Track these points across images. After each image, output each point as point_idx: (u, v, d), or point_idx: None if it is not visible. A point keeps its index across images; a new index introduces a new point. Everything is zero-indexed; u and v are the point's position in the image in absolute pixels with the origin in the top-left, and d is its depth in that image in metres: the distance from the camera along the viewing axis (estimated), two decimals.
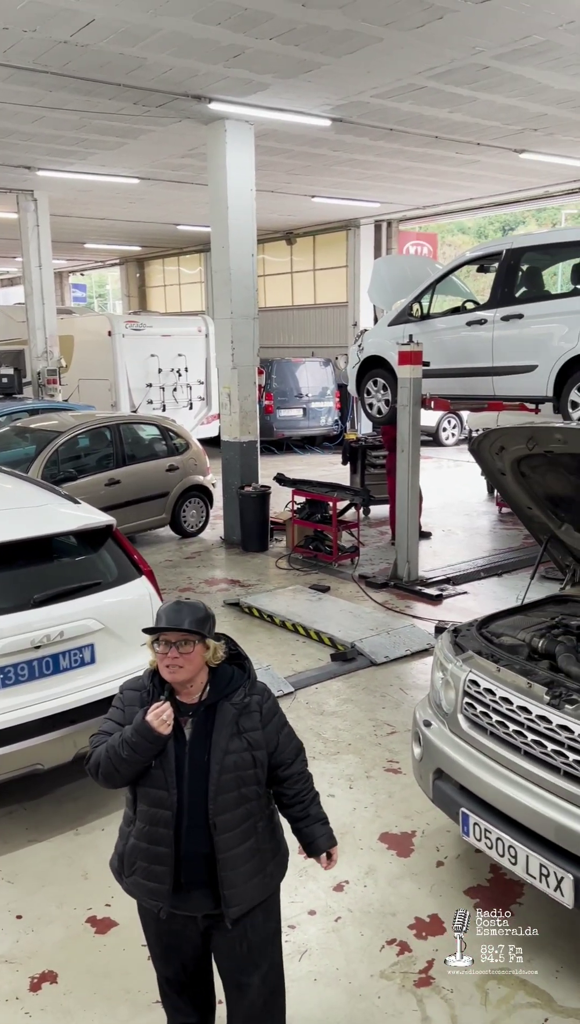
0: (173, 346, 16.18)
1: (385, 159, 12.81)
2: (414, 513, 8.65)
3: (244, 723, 2.62)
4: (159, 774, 2.57)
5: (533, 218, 35.21)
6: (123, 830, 2.76)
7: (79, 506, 5.24)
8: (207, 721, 2.61)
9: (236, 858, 2.59)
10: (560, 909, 3.66)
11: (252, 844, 2.63)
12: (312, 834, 2.78)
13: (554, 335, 7.62)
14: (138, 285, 29.17)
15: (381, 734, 5.56)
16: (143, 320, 16.90)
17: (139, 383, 15.77)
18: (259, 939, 2.73)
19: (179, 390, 16.31)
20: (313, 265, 21.82)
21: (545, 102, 9.69)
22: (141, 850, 2.63)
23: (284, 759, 2.72)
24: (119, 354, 15.58)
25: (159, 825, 2.58)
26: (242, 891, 2.61)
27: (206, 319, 16.85)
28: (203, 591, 8.74)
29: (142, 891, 2.66)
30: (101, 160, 12.56)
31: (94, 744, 2.68)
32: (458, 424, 19.10)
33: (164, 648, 2.55)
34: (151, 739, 2.50)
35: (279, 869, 2.79)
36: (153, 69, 8.32)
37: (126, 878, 2.71)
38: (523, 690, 3.48)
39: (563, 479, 4.18)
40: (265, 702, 2.70)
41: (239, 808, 2.60)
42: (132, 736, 2.52)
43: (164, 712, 2.51)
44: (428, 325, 8.87)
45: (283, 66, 8.30)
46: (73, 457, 9.68)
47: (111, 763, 2.58)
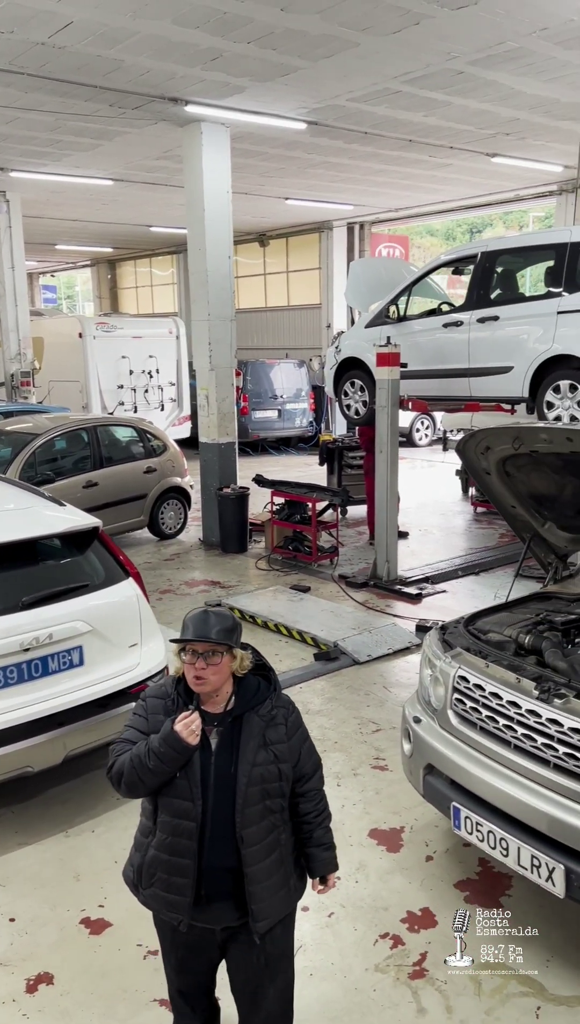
0: (144, 348, 16.16)
1: (359, 162, 12.90)
2: (393, 513, 8.73)
3: (270, 735, 2.59)
4: (184, 784, 2.53)
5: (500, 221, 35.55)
6: (140, 841, 2.69)
7: (64, 508, 5.24)
8: (233, 732, 2.57)
9: (262, 871, 2.56)
10: (548, 900, 3.75)
11: (276, 857, 2.61)
12: (313, 856, 2.75)
13: (529, 337, 7.74)
14: (110, 287, 29.03)
15: (366, 732, 5.61)
16: (114, 322, 16.85)
17: (110, 385, 15.74)
18: (277, 952, 2.70)
19: (150, 392, 16.30)
20: (286, 267, 21.88)
21: (517, 107, 9.82)
22: (162, 862, 2.58)
23: (304, 772, 2.70)
24: (90, 356, 15.53)
25: (182, 836, 2.54)
26: (269, 905, 2.58)
27: (177, 321, 16.87)
28: (183, 592, 8.75)
29: (161, 903, 2.61)
30: (75, 161, 12.50)
31: (116, 753, 2.63)
32: (431, 425, 19.27)
33: (191, 658, 2.51)
34: (179, 749, 2.46)
35: (301, 883, 2.77)
36: (130, 71, 8.31)
37: (144, 890, 2.66)
38: (512, 685, 3.55)
39: (547, 478, 4.26)
40: (290, 715, 2.68)
41: (264, 821, 2.57)
42: (159, 746, 2.48)
43: (193, 722, 2.47)
44: (405, 327, 8.96)
45: (260, 69, 8.34)
46: (50, 459, 9.63)
47: (135, 772, 2.53)
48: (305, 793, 2.71)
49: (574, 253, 7.48)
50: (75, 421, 10.37)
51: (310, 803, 2.73)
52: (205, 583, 9.08)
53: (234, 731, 2.57)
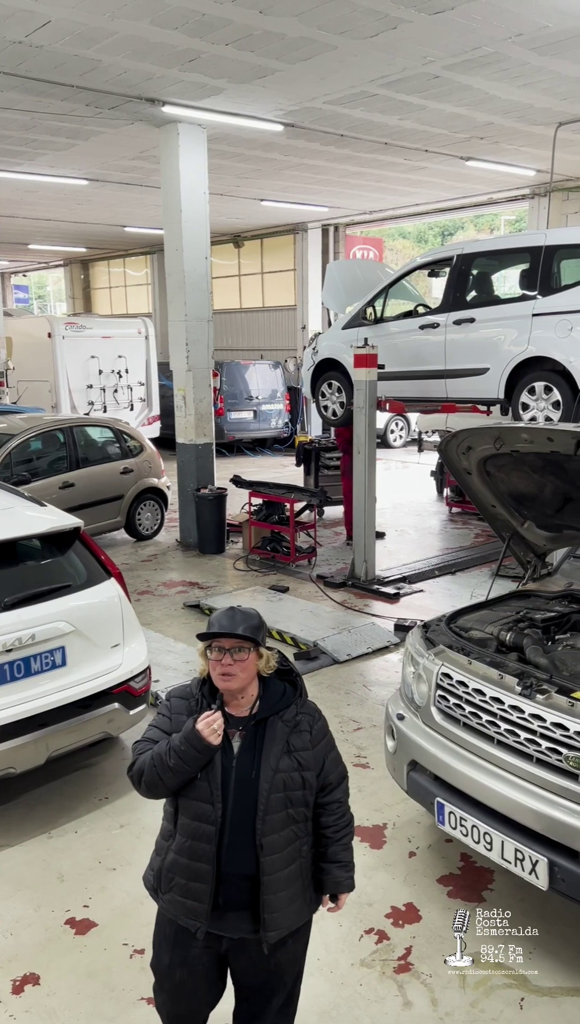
0: (113, 348, 16.17)
1: (335, 164, 12.97)
2: (371, 513, 8.78)
3: (294, 741, 2.54)
4: (204, 786, 2.48)
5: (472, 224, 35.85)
6: (161, 845, 2.65)
7: (45, 508, 5.23)
8: (257, 736, 2.53)
9: (279, 881, 2.51)
10: (529, 894, 3.82)
11: (295, 868, 2.56)
12: (326, 872, 2.67)
13: (505, 339, 7.83)
14: (83, 287, 28.86)
15: (347, 730, 5.65)
16: (83, 322, 16.83)
17: (79, 384, 15.71)
18: (287, 961, 2.66)
19: (120, 391, 16.32)
20: (261, 268, 21.91)
21: (492, 111, 9.94)
22: (181, 866, 2.53)
23: (328, 782, 2.64)
24: (59, 356, 15.50)
25: (201, 840, 2.49)
26: (282, 916, 2.53)
27: (145, 321, 16.89)
28: (161, 593, 8.73)
29: (179, 909, 2.55)
30: (50, 161, 12.44)
31: (138, 751, 2.59)
32: (406, 427, 19.39)
33: (217, 655, 2.48)
34: (200, 748, 2.42)
35: (318, 896, 2.71)
36: (108, 71, 8.30)
37: (163, 895, 2.60)
38: (495, 682, 3.60)
39: (527, 478, 4.33)
40: (316, 722, 2.63)
41: (285, 830, 2.52)
42: (181, 744, 2.44)
43: (215, 721, 2.43)
44: (382, 329, 9.03)
45: (238, 71, 8.36)
46: (26, 460, 9.57)
47: (155, 771, 2.49)
48: (327, 805, 2.64)
49: (548, 256, 7.59)
50: (51, 421, 10.31)
51: (331, 816, 2.65)
52: (183, 584, 9.08)
53: (258, 735, 2.53)
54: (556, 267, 7.64)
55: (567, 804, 3.21)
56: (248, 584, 8.93)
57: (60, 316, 22.21)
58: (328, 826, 2.66)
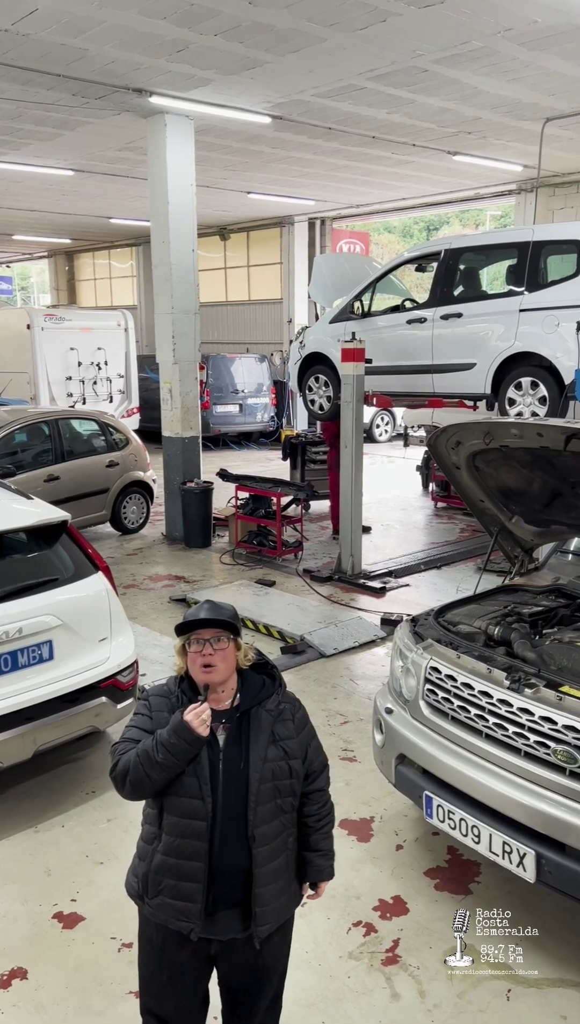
0: (93, 340, 16.10)
1: (322, 157, 12.93)
2: (358, 508, 8.79)
3: (280, 730, 2.55)
4: (192, 782, 2.45)
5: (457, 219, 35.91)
6: (144, 849, 2.58)
7: (32, 501, 5.19)
8: (241, 728, 2.52)
9: (269, 874, 2.50)
10: (516, 887, 3.85)
11: (282, 860, 2.55)
12: (309, 861, 2.67)
13: (492, 334, 7.86)
14: (67, 278, 28.66)
15: (334, 724, 5.66)
16: (62, 313, 16.74)
17: (59, 376, 15.62)
18: (273, 958, 2.65)
19: (99, 383, 16.25)
20: (247, 261, 21.84)
21: (480, 106, 9.94)
22: (170, 867, 2.47)
23: (312, 770, 2.65)
24: (38, 347, 15.39)
25: (191, 838, 2.45)
26: (271, 909, 2.52)
27: (125, 313, 16.81)
28: (148, 587, 8.71)
29: (169, 912, 2.49)
30: (35, 151, 12.33)
31: (119, 752, 2.54)
32: (391, 421, 19.42)
33: (197, 646, 2.49)
34: (189, 740, 2.40)
35: (301, 889, 2.71)
36: (95, 61, 8.23)
37: (150, 900, 2.52)
38: (483, 676, 3.61)
39: (516, 473, 4.34)
40: (297, 711, 2.65)
41: (275, 821, 2.51)
42: (169, 737, 2.41)
43: (204, 712, 2.41)
44: (369, 323, 9.03)
45: (226, 62, 8.31)
46: (10, 453, 9.51)
47: (142, 768, 2.44)
48: (310, 793, 2.66)
49: (536, 252, 7.62)
50: (36, 414, 10.26)
51: (314, 805, 2.67)
52: (169, 578, 9.05)
53: (243, 727, 2.53)
54: (543, 263, 7.67)
55: (555, 798, 3.24)
56: (234, 578, 8.92)
57: (39, 308, 22.07)
58: (311, 815, 2.67)
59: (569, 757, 3.21)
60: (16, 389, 15.25)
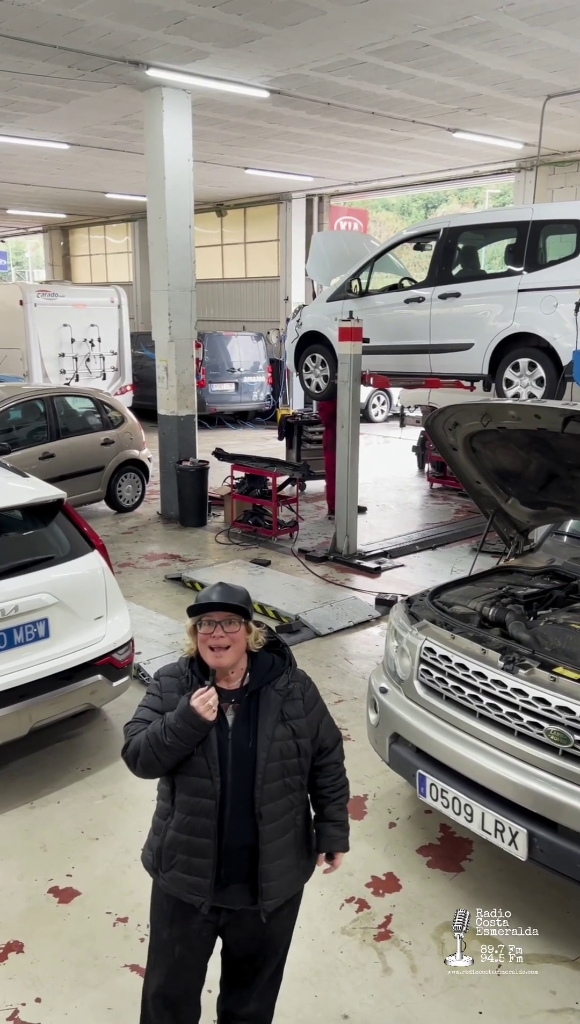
0: (86, 316, 16.01)
1: (320, 133, 12.80)
2: (354, 488, 8.79)
3: (288, 710, 2.57)
4: (201, 762, 2.49)
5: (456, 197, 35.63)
6: (158, 824, 2.65)
7: (27, 479, 5.18)
8: (250, 707, 2.55)
9: (277, 850, 2.54)
10: (506, 865, 3.90)
11: (291, 836, 2.59)
12: (322, 831, 2.73)
13: (490, 314, 7.82)
14: (62, 254, 28.41)
15: (329, 703, 5.52)
16: (55, 290, 16.61)
17: (51, 353, 15.54)
18: (281, 930, 2.71)
19: (92, 360, 16.18)
20: (244, 238, 21.66)
21: (481, 82, 9.83)
22: (181, 842, 2.54)
23: (324, 745, 2.69)
24: (31, 324, 15.29)
25: (201, 815, 2.50)
26: (278, 884, 2.56)
27: (118, 290, 16.71)
28: (143, 566, 8.71)
29: (181, 886, 2.55)
30: (30, 124, 12.17)
31: (130, 732, 2.59)
32: (387, 401, 19.36)
33: (208, 628, 2.49)
34: (196, 724, 2.43)
35: (310, 864, 2.74)
36: (91, 32, 8.11)
37: (164, 873, 2.59)
38: (478, 656, 3.63)
39: (513, 455, 4.34)
40: (307, 689, 2.67)
41: (282, 798, 2.55)
42: (176, 721, 2.45)
43: (210, 697, 2.44)
44: (367, 302, 8.98)
45: (224, 35, 8.20)
46: (5, 430, 9.46)
47: (151, 751, 2.49)
48: (324, 767, 2.70)
49: (535, 231, 7.57)
50: (31, 391, 10.20)
51: (328, 777, 2.71)
52: (164, 557, 9.06)
53: (252, 706, 2.56)
54: (542, 242, 7.62)
55: (547, 777, 3.26)
56: (230, 557, 8.93)
57: (32, 283, 21.88)
58: (325, 787, 2.72)
59: (562, 737, 3.23)
60: (9, 365, 15.18)
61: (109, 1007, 3.22)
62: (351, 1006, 3.25)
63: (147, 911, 2.78)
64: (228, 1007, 2.82)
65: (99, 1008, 3.22)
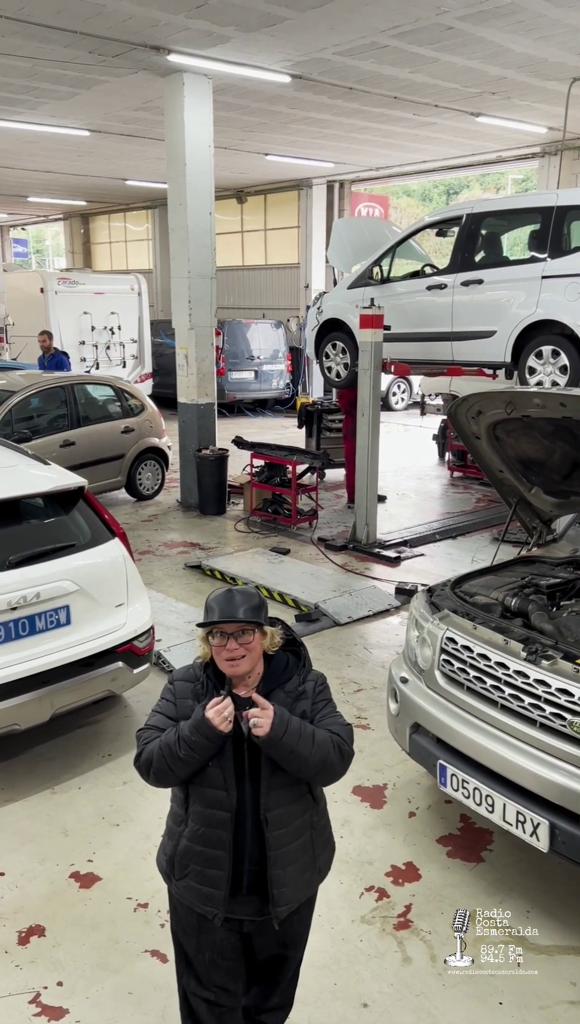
0: (106, 304, 16.06)
1: (342, 118, 12.69)
2: (374, 476, 8.75)
3: (297, 710, 2.46)
4: (217, 773, 2.40)
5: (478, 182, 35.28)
6: (172, 829, 2.57)
7: (49, 467, 5.19)
8: None
9: (286, 856, 2.46)
10: (527, 855, 3.88)
11: (306, 839, 2.51)
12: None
13: (513, 301, 7.73)
14: (82, 241, 28.43)
15: (348, 692, 5.68)
16: (76, 277, 16.66)
17: (72, 340, 15.59)
18: (302, 926, 2.69)
19: (112, 348, 16.23)
20: (264, 225, 21.56)
21: (505, 65, 9.70)
22: (195, 853, 2.46)
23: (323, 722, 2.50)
24: (52, 311, 15.35)
25: (216, 827, 2.42)
26: (291, 890, 2.48)
27: (138, 277, 16.72)
28: (163, 554, 8.74)
29: (195, 896, 2.48)
30: (51, 110, 12.15)
31: (143, 740, 2.49)
32: (408, 389, 19.25)
33: (221, 640, 2.37)
34: (211, 736, 2.33)
35: (327, 864, 2.68)
36: (112, 17, 8.06)
37: (177, 881, 2.53)
38: (500, 647, 3.60)
39: (536, 443, 4.29)
40: (318, 687, 2.56)
41: (293, 804, 2.47)
42: (190, 733, 2.34)
43: (225, 708, 2.33)
44: (388, 289, 8.90)
45: (246, 19, 8.13)
46: (26, 418, 9.50)
47: (165, 762, 2.40)
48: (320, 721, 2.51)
49: (560, 217, 7.46)
50: (52, 379, 10.21)
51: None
52: (184, 545, 9.07)
53: None
54: (567, 228, 7.51)
55: (571, 769, 3.24)
56: (249, 546, 8.93)
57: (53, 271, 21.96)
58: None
59: None
60: (31, 353, 15.24)
61: (130, 991, 3.24)
62: (370, 994, 3.25)
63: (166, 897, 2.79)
64: (251, 1002, 2.80)
65: (120, 992, 3.24)
